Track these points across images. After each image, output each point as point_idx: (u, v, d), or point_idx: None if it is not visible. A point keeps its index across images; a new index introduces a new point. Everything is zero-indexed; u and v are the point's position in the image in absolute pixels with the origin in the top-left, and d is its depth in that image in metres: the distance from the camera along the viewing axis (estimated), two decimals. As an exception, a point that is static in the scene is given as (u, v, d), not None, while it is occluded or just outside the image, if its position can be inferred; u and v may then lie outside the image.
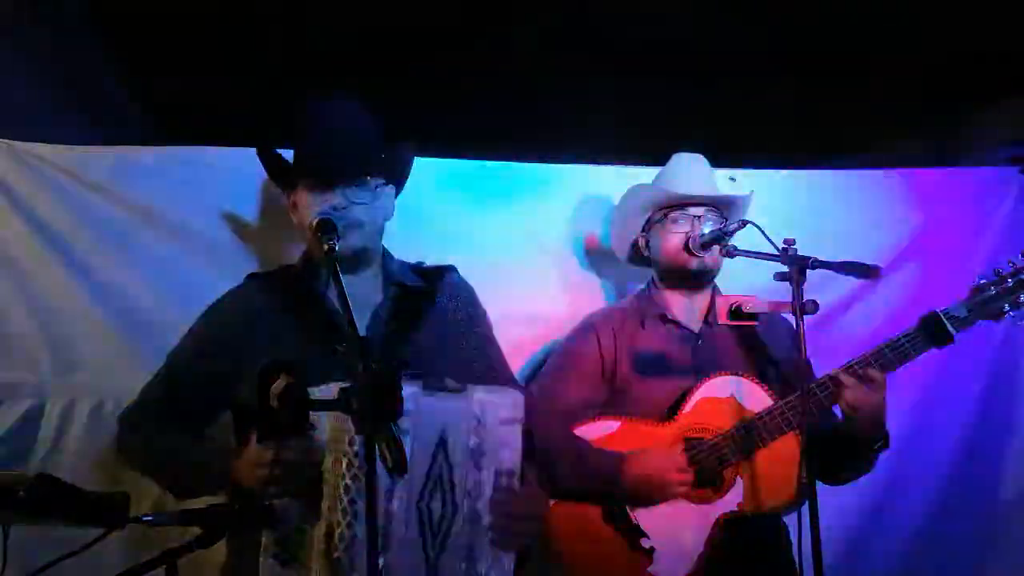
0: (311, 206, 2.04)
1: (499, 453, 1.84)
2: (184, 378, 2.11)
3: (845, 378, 2.22)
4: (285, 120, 2.15)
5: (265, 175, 2.28)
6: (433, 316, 2.13)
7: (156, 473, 2.12)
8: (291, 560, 1.70)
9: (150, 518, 1.64)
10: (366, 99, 2.13)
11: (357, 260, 2.08)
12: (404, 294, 2.13)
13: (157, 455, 2.09)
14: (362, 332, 2.00)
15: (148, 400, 2.14)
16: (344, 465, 1.67)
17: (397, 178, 2.20)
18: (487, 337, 2.23)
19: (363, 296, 2.06)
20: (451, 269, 2.27)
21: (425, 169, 2.81)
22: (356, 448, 1.66)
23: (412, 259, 2.29)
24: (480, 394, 1.84)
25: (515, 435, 1.86)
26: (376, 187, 2.09)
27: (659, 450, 2.31)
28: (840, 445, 2.31)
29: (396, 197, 2.20)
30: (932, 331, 2.24)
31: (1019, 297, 2.24)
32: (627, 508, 2.32)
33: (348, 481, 1.66)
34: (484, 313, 2.25)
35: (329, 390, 1.61)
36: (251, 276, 2.22)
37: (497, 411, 1.84)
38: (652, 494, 2.28)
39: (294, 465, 1.73)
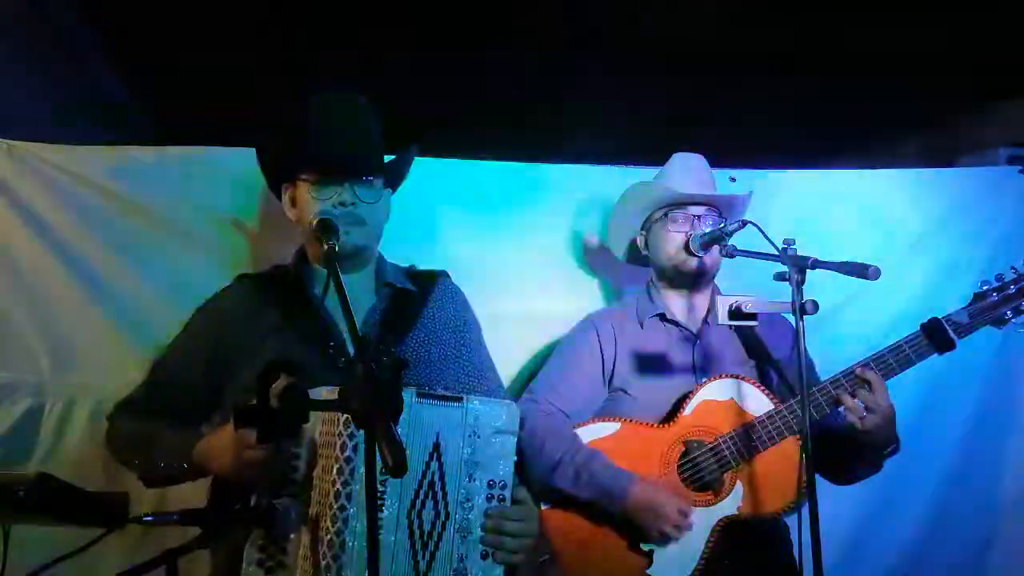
0: (315, 201, 2.03)
1: (492, 464, 1.82)
2: (169, 377, 2.12)
3: (846, 400, 2.23)
4: (284, 116, 2.12)
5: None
6: (424, 320, 2.12)
7: (129, 460, 2.09)
8: (275, 568, 1.68)
9: (150, 518, 1.63)
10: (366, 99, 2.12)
11: (355, 260, 2.08)
12: (396, 297, 2.13)
13: (131, 442, 2.08)
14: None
15: (134, 398, 2.15)
16: (335, 471, 1.65)
17: (396, 181, 2.20)
18: (477, 343, 2.22)
19: (356, 297, 2.03)
20: (443, 274, 2.26)
21: (426, 169, 2.81)
22: (347, 453, 1.65)
23: (413, 258, 2.29)
24: (475, 404, 1.82)
25: (509, 447, 1.84)
26: (380, 189, 2.09)
27: (668, 489, 2.30)
28: (852, 448, 2.31)
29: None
30: (934, 337, 2.25)
31: (1021, 304, 2.25)
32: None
33: (339, 487, 1.64)
34: (475, 319, 2.25)
35: (317, 393, 1.60)
36: (241, 276, 2.21)
37: (492, 421, 1.82)
38: (648, 523, 2.26)
39: (278, 455, 1.71)
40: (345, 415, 1.63)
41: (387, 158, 2.18)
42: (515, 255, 2.83)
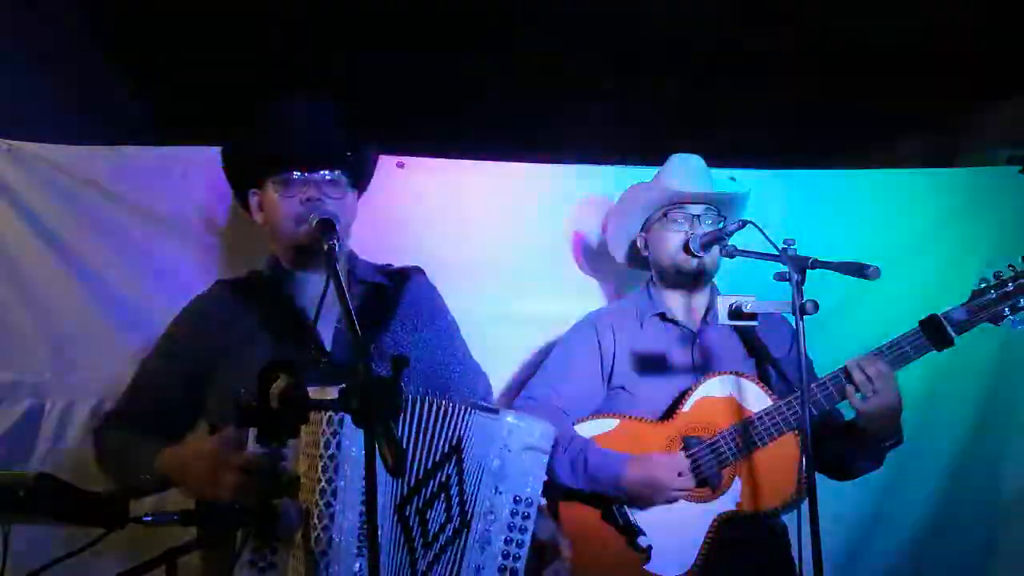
0: (282, 200, 2.03)
1: (520, 480, 1.82)
2: (150, 385, 2.11)
3: (855, 373, 2.22)
4: (246, 121, 2.12)
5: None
6: (400, 315, 2.12)
7: (111, 472, 2.08)
8: (267, 568, 1.69)
9: (150, 518, 1.63)
10: (354, 99, 2.12)
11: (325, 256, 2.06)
12: (370, 293, 2.13)
13: (111, 454, 2.07)
14: (330, 333, 2.02)
15: (118, 408, 2.14)
16: (319, 469, 1.66)
17: (362, 180, 2.19)
18: (455, 336, 2.23)
19: (330, 295, 2.05)
20: (417, 270, 2.26)
21: (426, 169, 2.82)
22: (331, 451, 1.66)
23: (411, 258, 2.29)
24: (510, 418, 1.82)
25: (539, 465, 1.84)
26: (345, 187, 2.08)
27: (662, 454, 2.30)
28: (852, 441, 2.31)
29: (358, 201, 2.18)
30: (932, 334, 2.25)
31: (1019, 301, 2.26)
32: (625, 507, 2.32)
33: (324, 484, 1.65)
34: (450, 313, 2.26)
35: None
36: (219, 282, 2.21)
37: (524, 437, 1.82)
38: (652, 497, 2.28)
39: (262, 467, 1.71)
40: (328, 412, 1.63)
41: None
42: (515, 255, 2.83)
